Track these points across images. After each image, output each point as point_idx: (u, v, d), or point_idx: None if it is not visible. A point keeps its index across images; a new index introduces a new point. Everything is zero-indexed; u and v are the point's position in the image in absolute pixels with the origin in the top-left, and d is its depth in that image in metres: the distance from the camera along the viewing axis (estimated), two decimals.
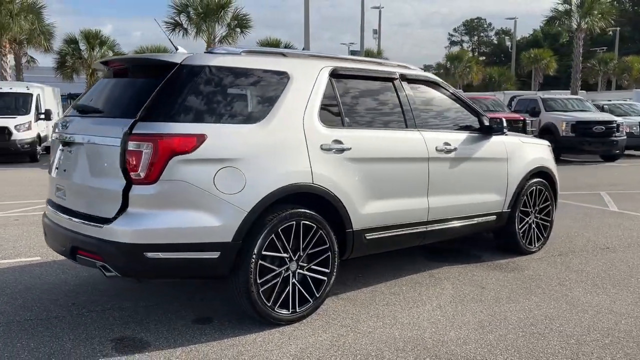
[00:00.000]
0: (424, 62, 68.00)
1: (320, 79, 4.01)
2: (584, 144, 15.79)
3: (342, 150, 3.93)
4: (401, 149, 4.34)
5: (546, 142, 5.98)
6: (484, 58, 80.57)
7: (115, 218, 3.28)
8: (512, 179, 5.25)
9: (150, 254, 3.24)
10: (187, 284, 4.44)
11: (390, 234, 4.32)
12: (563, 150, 16.04)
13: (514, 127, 15.78)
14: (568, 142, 15.86)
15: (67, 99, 30.47)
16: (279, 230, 3.62)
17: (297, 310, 3.76)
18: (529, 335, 3.62)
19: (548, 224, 5.76)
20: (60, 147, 3.86)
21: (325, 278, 3.92)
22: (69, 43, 29.07)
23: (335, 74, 4.13)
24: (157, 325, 3.71)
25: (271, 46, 31.34)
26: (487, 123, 5.03)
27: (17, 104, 15.73)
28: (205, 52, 3.84)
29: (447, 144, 4.65)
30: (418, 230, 4.53)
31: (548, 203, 5.71)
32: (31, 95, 15.78)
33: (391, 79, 4.51)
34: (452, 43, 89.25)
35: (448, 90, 5.02)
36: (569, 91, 29.16)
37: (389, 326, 3.75)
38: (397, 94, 4.49)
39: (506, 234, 5.48)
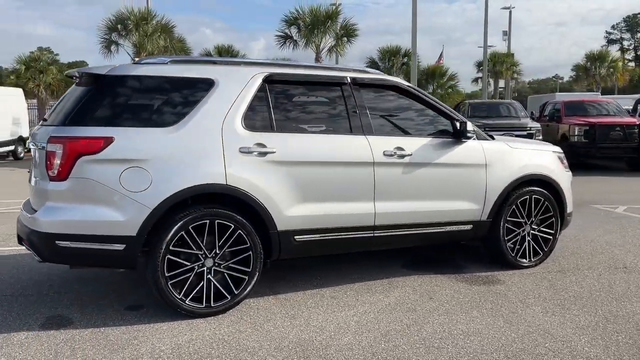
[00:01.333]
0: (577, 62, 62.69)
1: (251, 85, 4.18)
2: None
3: (264, 154, 4.06)
4: (338, 154, 4.33)
5: (552, 149, 5.47)
6: None
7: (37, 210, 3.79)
8: (493, 186, 4.91)
9: (61, 243, 3.68)
10: None
11: (326, 237, 4.33)
12: None
13: (627, 132, 14.21)
14: None
15: None
16: (190, 227, 3.86)
17: (212, 305, 3.96)
18: (424, 348, 3.45)
19: (550, 237, 5.26)
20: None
21: (246, 277, 4.07)
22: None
23: (270, 80, 4.27)
24: (94, 309, 4.15)
25: (390, 53, 31.40)
26: (459, 128, 4.77)
27: None
28: (133, 63, 4.21)
29: (400, 148, 4.53)
30: (363, 235, 4.47)
31: (550, 214, 5.22)
32: None
33: (339, 84, 4.52)
34: (610, 42, 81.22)
35: (416, 95, 4.85)
36: None
37: (292, 327, 3.80)
38: (344, 99, 4.49)
39: (490, 245, 5.14)
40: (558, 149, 5.58)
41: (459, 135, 4.76)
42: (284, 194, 4.13)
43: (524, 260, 5.15)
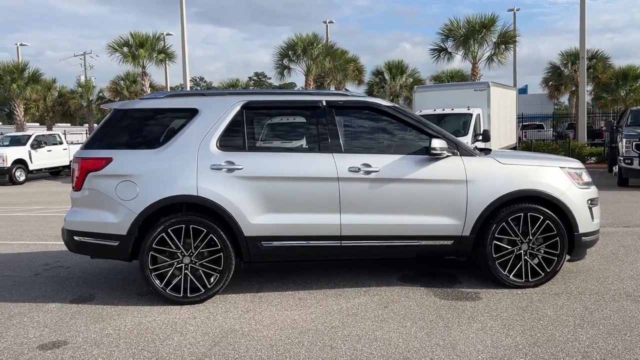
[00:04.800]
0: None
1: (229, 112, 4.93)
2: None
3: (232, 170, 4.77)
4: (303, 170, 4.81)
5: (560, 164, 5.11)
6: None
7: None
8: (475, 202, 4.88)
9: (76, 237, 4.87)
10: None
11: (293, 244, 4.84)
12: None
13: None
14: None
15: None
16: (169, 230, 4.74)
17: (188, 296, 4.78)
18: (320, 346, 3.81)
19: (554, 257, 4.98)
20: None
21: (218, 274, 4.81)
22: (376, 74, 33.05)
23: (248, 107, 4.97)
24: (117, 292, 5.27)
25: (574, 56, 29.06)
26: (434, 145, 4.85)
27: (458, 124, 14.59)
28: (140, 99, 5.25)
29: (367, 165, 4.83)
30: (330, 244, 4.86)
31: (553, 234, 4.95)
32: (471, 115, 14.74)
33: (314, 107, 5.00)
34: None
35: (395, 115, 5.06)
36: None
37: (236, 319, 4.41)
38: (317, 121, 4.95)
39: (480, 262, 5.07)
40: (572, 164, 5.21)
41: (432, 153, 4.86)
42: (250, 204, 4.77)
43: (519, 279, 4.97)
